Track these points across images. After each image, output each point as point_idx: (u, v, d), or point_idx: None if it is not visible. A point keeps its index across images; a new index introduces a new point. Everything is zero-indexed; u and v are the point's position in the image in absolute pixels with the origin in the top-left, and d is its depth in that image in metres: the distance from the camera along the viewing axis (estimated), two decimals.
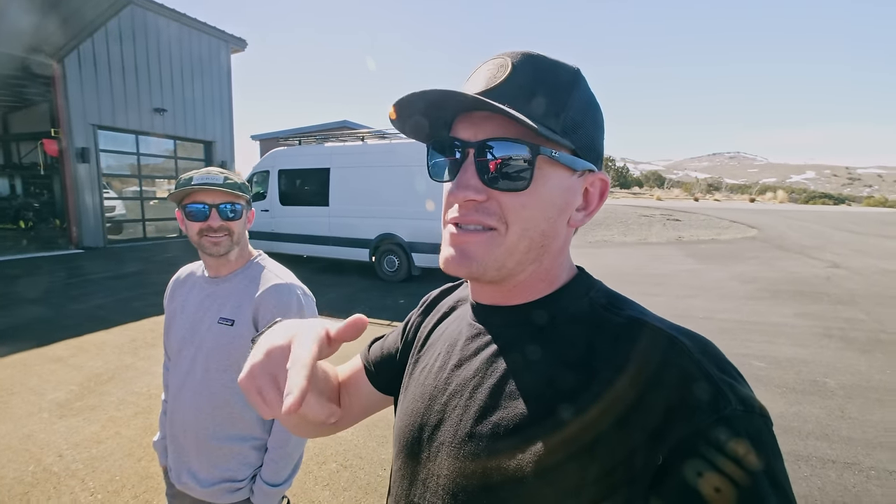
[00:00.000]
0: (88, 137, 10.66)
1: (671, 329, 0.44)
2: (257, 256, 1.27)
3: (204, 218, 1.13)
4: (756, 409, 0.38)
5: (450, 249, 0.49)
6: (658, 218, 19.52)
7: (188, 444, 1.17)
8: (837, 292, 6.83)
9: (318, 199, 8.19)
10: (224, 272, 1.22)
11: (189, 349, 1.18)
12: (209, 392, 1.15)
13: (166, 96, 12.40)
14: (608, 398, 0.41)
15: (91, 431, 2.95)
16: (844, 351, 4.42)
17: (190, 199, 1.15)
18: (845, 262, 9.41)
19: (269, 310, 1.14)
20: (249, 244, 1.29)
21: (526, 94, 0.46)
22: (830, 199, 72.02)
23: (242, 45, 14.68)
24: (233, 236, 1.16)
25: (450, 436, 0.49)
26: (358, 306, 6.13)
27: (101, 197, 11.08)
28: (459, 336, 0.56)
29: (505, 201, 0.47)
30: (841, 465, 2.60)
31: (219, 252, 1.16)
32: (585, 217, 0.51)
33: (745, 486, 0.34)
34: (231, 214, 1.15)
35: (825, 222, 19.88)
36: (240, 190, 1.17)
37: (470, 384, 0.50)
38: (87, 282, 7.49)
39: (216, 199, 1.14)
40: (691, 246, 12.23)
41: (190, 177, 1.14)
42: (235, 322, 1.14)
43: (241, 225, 1.19)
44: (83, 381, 3.70)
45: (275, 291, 1.15)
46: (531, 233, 0.47)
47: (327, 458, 2.72)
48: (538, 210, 0.47)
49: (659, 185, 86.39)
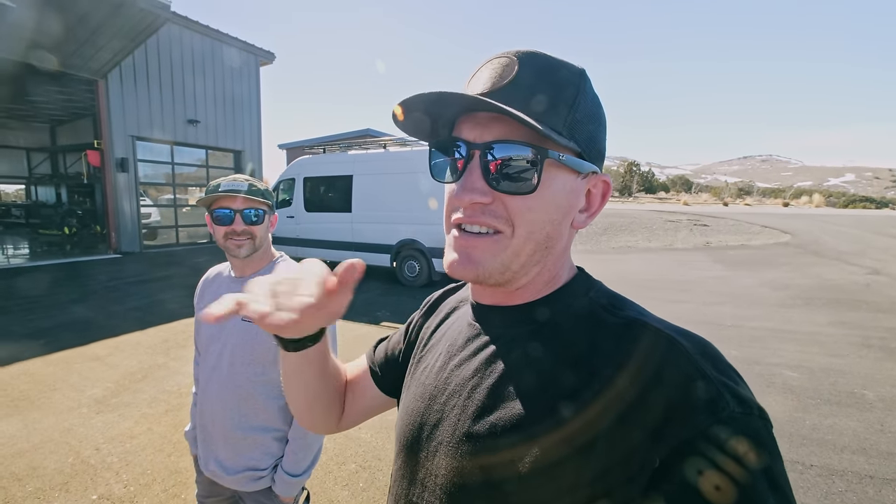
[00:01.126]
0: (127, 148, 11.27)
1: (670, 330, 0.44)
2: (279, 258, 1.34)
3: (229, 222, 1.22)
4: (755, 411, 0.38)
5: (454, 254, 0.49)
6: (685, 223, 18.97)
7: (215, 434, 1.24)
8: (878, 300, 6.47)
9: (342, 205, 8.37)
10: (248, 272, 1.29)
11: (216, 345, 1.25)
12: (234, 385, 1.21)
13: (199, 108, 12.99)
14: (607, 398, 0.41)
15: (125, 427, 3.11)
16: (885, 362, 4.19)
17: (217, 205, 1.23)
18: (887, 269, 8.91)
19: None
20: (273, 246, 1.36)
21: (532, 95, 0.45)
22: (872, 203, 68.10)
23: (271, 58, 15.23)
24: (255, 240, 1.24)
25: (448, 435, 0.50)
26: (379, 310, 6.22)
27: (138, 204, 11.67)
28: (459, 336, 0.56)
29: (511, 204, 0.46)
30: (880, 480, 2.47)
31: (242, 254, 1.23)
32: (588, 219, 0.51)
33: (743, 487, 0.34)
34: (254, 219, 1.23)
35: (865, 227, 18.86)
36: (263, 196, 1.25)
37: (469, 384, 0.50)
38: (124, 284, 7.89)
39: (240, 205, 1.22)
40: (719, 251, 11.83)
41: (217, 184, 1.23)
42: None
43: (264, 229, 1.26)
44: (119, 379, 3.90)
45: None
46: (536, 235, 0.47)
47: (347, 458, 2.78)
48: (544, 213, 0.47)
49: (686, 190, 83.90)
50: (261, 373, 1.22)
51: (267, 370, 1.22)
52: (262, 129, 15.06)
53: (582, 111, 0.47)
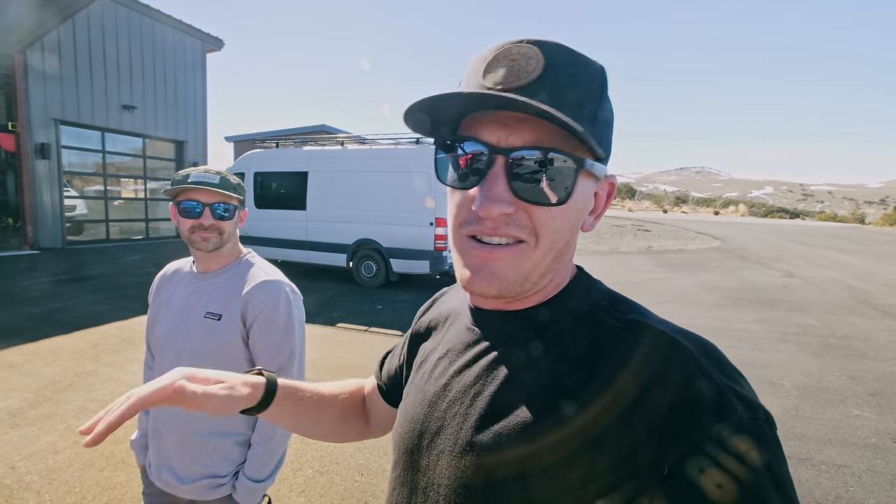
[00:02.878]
0: (49, 133, 10.14)
1: (673, 331, 0.43)
2: (246, 254, 1.27)
3: (197, 215, 1.15)
4: (761, 414, 0.38)
5: (471, 268, 0.46)
6: (629, 228, 20.18)
7: (170, 441, 1.15)
8: (792, 300, 7.25)
9: (296, 202, 8.07)
10: (213, 268, 1.22)
11: (174, 343, 1.17)
12: None
13: (136, 93, 11.97)
14: (612, 403, 0.40)
15: (47, 441, 2.80)
16: (798, 354, 4.70)
17: (184, 196, 1.15)
18: (799, 272, 10.00)
19: (257, 305, 1.15)
20: (239, 242, 1.29)
21: (563, 95, 0.41)
22: (786, 214, 76.28)
23: (219, 45, 14.37)
24: (223, 234, 1.17)
25: (450, 444, 0.48)
26: (334, 311, 6.06)
27: (62, 195, 10.54)
28: (458, 341, 0.54)
29: (535, 213, 0.43)
30: (795, 460, 2.76)
31: (207, 248, 1.16)
32: (595, 220, 0.50)
33: (750, 490, 0.34)
34: (224, 214, 1.16)
35: (781, 235, 21.06)
36: (234, 191, 1.19)
37: (470, 391, 0.49)
38: (43, 284, 7.09)
39: (210, 199, 1.15)
40: (660, 255, 12.70)
41: (187, 174, 1.15)
42: (223, 317, 1.14)
43: (233, 224, 1.20)
44: (38, 389, 3.50)
45: (263, 288, 1.17)
46: (558, 244, 0.46)
47: (303, 464, 2.68)
48: (566, 220, 0.45)
49: (630, 197, 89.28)
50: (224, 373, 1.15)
51: (231, 369, 1.15)
52: (207, 119, 14.17)
53: (605, 113, 0.45)
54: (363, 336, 5.11)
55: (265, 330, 1.14)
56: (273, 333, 1.14)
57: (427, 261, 7.06)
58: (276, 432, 1.15)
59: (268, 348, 1.15)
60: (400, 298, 6.88)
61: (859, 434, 3.09)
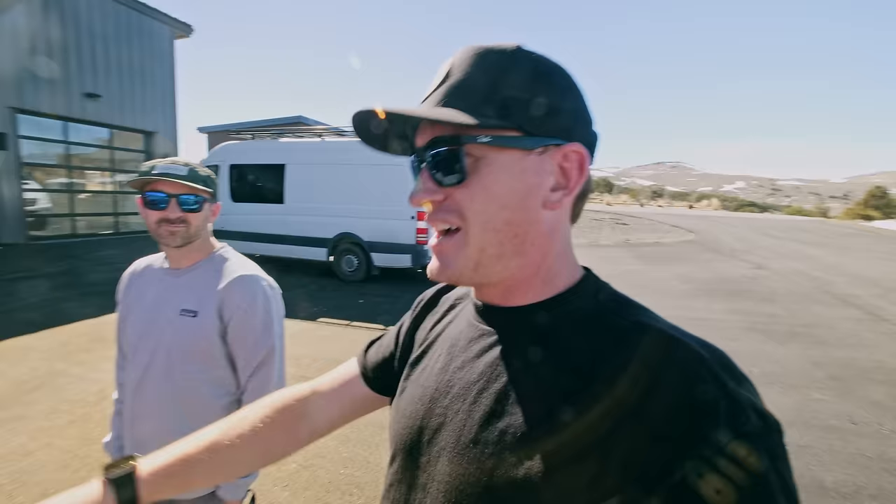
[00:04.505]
0: (5, 121, 9.59)
1: (685, 337, 0.43)
2: (220, 248, 1.25)
3: (162, 208, 1.11)
4: (773, 425, 0.38)
5: (433, 259, 0.50)
6: (608, 222, 20.60)
7: (149, 441, 1.13)
8: (761, 290, 7.57)
9: (273, 196, 7.90)
10: (185, 264, 1.19)
11: (148, 342, 1.14)
12: (172, 384, 1.11)
13: (100, 81, 11.41)
14: (617, 406, 0.39)
15: (17, 443, 2.69)
16: (766, 343, 4.93)
17: (150, 188, 1.12)
18: (768, 264, 10.44)
19: (234, 301, 1.13)
20: (213, 236, 1.27)
21: (461, 88, 0.46)
22: (756, 208, 79.28)
23: (188, 31, 13.84)
24: (190, 228, 1.14)
25: (452, 440, 0.48)
26: (315, 306, 5.99)
27: (21, 188, 10.01)
28: (461, 336, 0.54)
29: (457, 197, 0.47)
30: None
31: (174, 243, 1.13)
32: (565, 196, 0.48)
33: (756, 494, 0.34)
34: (191, 206, 1.13)
35: (752, 228, 21.88)
36: (203, 183, 1.15)
37: (474, 388, 0.48)
38: (4, 281, 6.75)
39: (177, 190, 1.11)
40: (637, 248, 13.03)
41: (153, 165, 1.11)
42: (199, 313, 1.12)
43: (202, 218, 1.17)
44: (6, 390, 3.35)
45: (240, 283, 1.15)
46: (493, 224, 0.46)
47: (287, 458, 2.66)
48: (490, 199, 0.46)
49: (608, 191, 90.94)
50: (202, 370, 1.13)
51: (210, 368, 1.14)
52: (177, 109, 13.66)
53: (512, 87, 0.45)
54: (345, 330, 5.08)
55: (244, 326, 1.12)
56: (252, 330, 1.13)
57: (409, 255, 7.05)
58: None
59: (247, 345, 1.13)
60: (381, 293, 6.86)
61: (819, 416, 3.28)
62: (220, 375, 1.15)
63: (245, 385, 1.16)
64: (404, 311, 0.70)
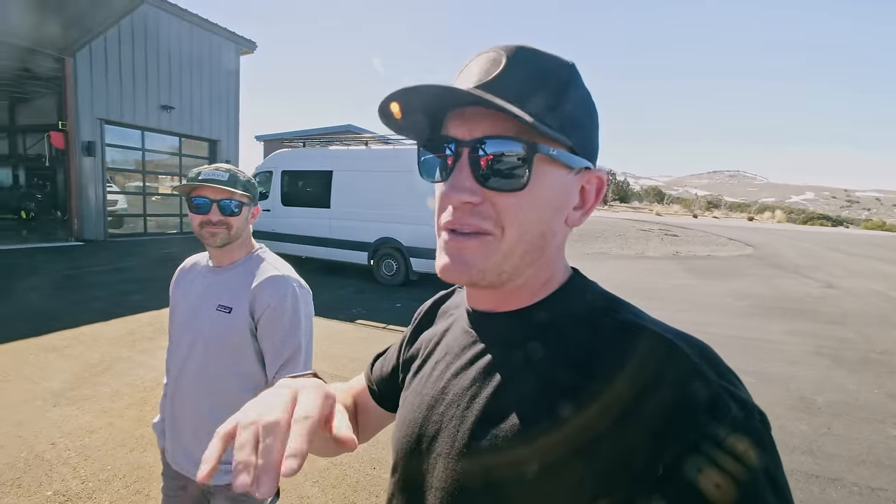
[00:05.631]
0: (95, 131, 10.77)
1: (668, 333, 0.43)
2: (258, 249, 1.33)
3: (206, 211, 1.21)
4: (755, 414, 0.38)
5: (446, 257, 0.47)
6: (656, 233, 19.62)
7: (185, 426, 1.22)
8: (830, 311, 6.89)
9: (320, 200, 8.25)
10: (225, 262, 1.28)
11: (189, 334, 1.24)
12: (206, 375, 1.20)
13: (174, 94, 12.55)
14: (607, 404, 0.40)
15: (84, 421, 2.98)
16: (834, 370, 4.47)
17: (195, 193, 1.22)
18: (839, 283, 9.48)
19: (264, 300, 1.20)
20: (253, 238, 1.35)
21: (521, 88, 0.44)
22: (829, 221, 72.54)
23: (252, 47, 14.86)
24: (231, 230, 1.22)
25: (447, 446, 0.49)
26: (353, 308, 6.17)
27: (105, 191, 11.16)
28: (455, 344, 0.55)
29: (500, 202, 0.45)
30: (825, 480, 2.64)
31: (215, 243, 1.22)
32: (583, 216, 0.50)
33: (745, 489, 0.34)
34: (232, 210, 1.22)
35: (821, 243, 20.00)
36: (244, 188, 1.24)
37: (467, 393, 0.49)
38: (86, 274, 7.53)
39: (218, 196, 1.21)
40: (688, 261, 12.29)
41: (198, 172, 1.22)
42: (233, 310, 1.20)
43: (242, 220, 1.25)
44: (78, 372, 3.73)
45: (271, 282, 1.22)
46: (528, 235, 0.46)
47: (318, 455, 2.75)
48: (535, 211, 0.45)
49: (659, 201, 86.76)
50: (234, 363, 1.21)
51: (240, 362, 1.21)
52: (239, 119, 14.68)
53: (573, 105, 0.46)
54: (382, 333, 5.19)
55: (272, 324, 1.19)
56: (279, 327, 1.19)
57: None
58: None
59: (274, 342, 1.19)
60: (419, 297, 6.86)
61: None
62: (250, 370, 1.22)
63: (272, 381, 1.22)
64: None
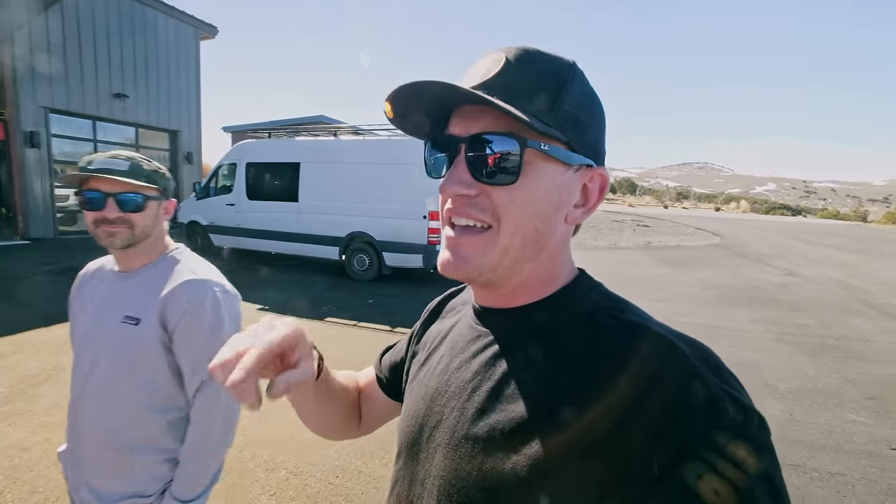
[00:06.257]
0: (38, 121, 9.98)
1: (672, 335, 0.44)
2: (174, 250, 1.15)
3: (100, 207, 1.02)
4: (755, 418, 0.38)
5: (446, 252, 0.49)
6: (629, 223, 20.04)
7: (88, 455, 1.05)
8: (791, 299, 7.15)
9: (288, 194, 7.94)
10: (133, 266, 1.10)
11: (89, 349, 1.06)
12: (111, 397, 1.03)
13: (128, 81, 11.76)
14: (606, 401, 0.40)
15: (17, 438, 2.71)
16: (795, 355, 4.60)
17: (87, 186, 1.03)
18: (799, 271, 9.89)
19: (178, 308, 1.03)
20: (168, 236, 1.18)
21: (519, 87, 0.45)
22: (789, 211, 76.28)
23: (213, 32, 14.14)
24: (134, 229, 1.05)
25: (447, 437, 0.50)
26: (323, 305, 5.96)
27: (52, 185, 10.40)
28: (461, 338, 0.56)
29: (495, 196, 0.46)
30: (787, 466, 2.67)
31: (115, 245, 1.04)
32: (584, 214, 0.50)
33: (743, 493, 0.34)
34: (134, 206, 1.04)
35: (783, 232, 20.92)
36: (148, 179, 1.06)
37: (469, 386, 0.50)
38: (31, 275, 7.00)
39: (115, 189, 1.02)
40: (659, 251, 12.58)
41: (90, 160, 1.03)
42: (141, 321, 1.03)
43: (148, 217, 1.07)
44: (14, 384, 3.41)
45: (186, 288, 1.05)
46: (524, 229, 0.47)
47: (277, 464, 2.59)
48: (530, 205, 0.46)
49: (631, 192, 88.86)
50: (147, 381, 1.05)
51: (152, 381, 1.05)
52: (201, 108, 13.97)
53: (572, 103, 0.46)
54: (352, 331, 5.01)
55: (189, 335, 1.03)
56: (197, 340, 1.03)
57: (420, 255, 6.95)
58: (207, 445, 1.05)
59: (192, 356, 1.04)
60: (392, 293, 6.78)
61: (855, 440, 3.00)
62: (164, 390, 1.06)
63: (193, 400, 1.07)
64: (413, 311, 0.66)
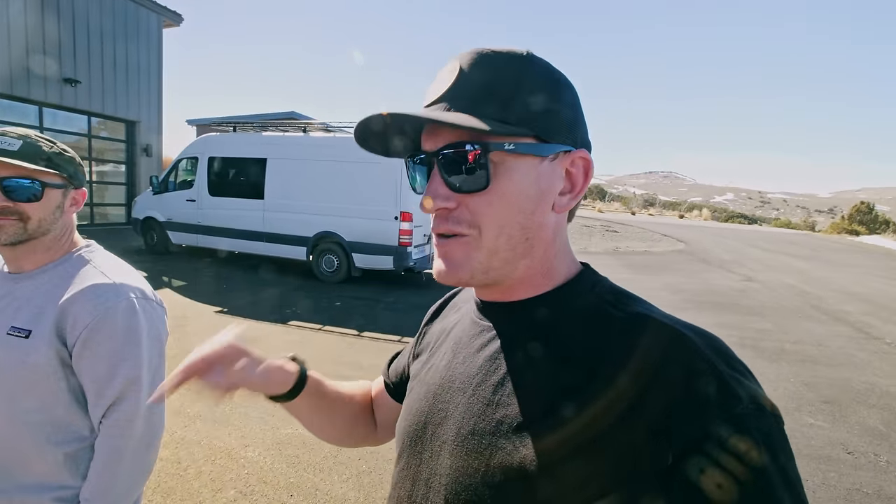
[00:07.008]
0: None
1: (678, 325, 0.43)
2: (82, 248, 0.97)
3: None
4: (767, 408, 0.38)
5: (437, 260, 0.50)
6: (598, 229, 20.50)
7: None
8: (750, 304, 7.42)
9: (253, 191, 7.60)
10: (28, 266, 0.92)
11: None
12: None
13: (80, 66, 10.97)
14: (614, 393, 0.40)
15: None
16: (755, 360, 4.74)
17: None
18: (757, 276, 10.33)
19: (81, 317, 0.85)
20: (77, 232, 0.99)
21: (478, 92, 0.45)
22: (745, 219, 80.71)
23: (177, 20, 13.46)
24: (27, 222, 0.87)
25: (452, 433, 0.49)
26: (287, 308, 5.69)
27: None
28: (464, 334, 0.55)
29: (471, 204, 0.46)
30: None
31: (2, 239, 0.86)
32: (572, 199, 0.50)
33: (756, 485, 0.34)
34: (27, 194, 0.85)
35: (741, 239, 21.94)
36: (49, 163, 0.88)
37: (473, 380, 0.50)
38: None
39: (3, 173, 0.84)
40: (627, 256, 12.89)
41: None
42: (32, 333, 0.85)
43: (47, 208, 0.89)
44: None
45: (93, 293, 0.87)
46: (508, 229, 0.46)
47: (225, 483, 2.38)
48: (507, 206, 0.46)
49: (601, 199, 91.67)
50: (36, 410, 0.86)
51: (48, 404, 0.87)
52: (163, 99, 13.26)
53: (531, 94, 0.46)
54: (315, 335, 4.78)
55: (94, 350, 0.85)
56: (105, 354, 0.86)
57: (391, 256, 6.79)
58: (118, 480, 0.87)
59: (98, 376, 0.86)
60: (361, 295, 6.57)
61: (813, 444, 3.07)
62: (62, 416, 0.88)
63: (99, 427, 0.89)
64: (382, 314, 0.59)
